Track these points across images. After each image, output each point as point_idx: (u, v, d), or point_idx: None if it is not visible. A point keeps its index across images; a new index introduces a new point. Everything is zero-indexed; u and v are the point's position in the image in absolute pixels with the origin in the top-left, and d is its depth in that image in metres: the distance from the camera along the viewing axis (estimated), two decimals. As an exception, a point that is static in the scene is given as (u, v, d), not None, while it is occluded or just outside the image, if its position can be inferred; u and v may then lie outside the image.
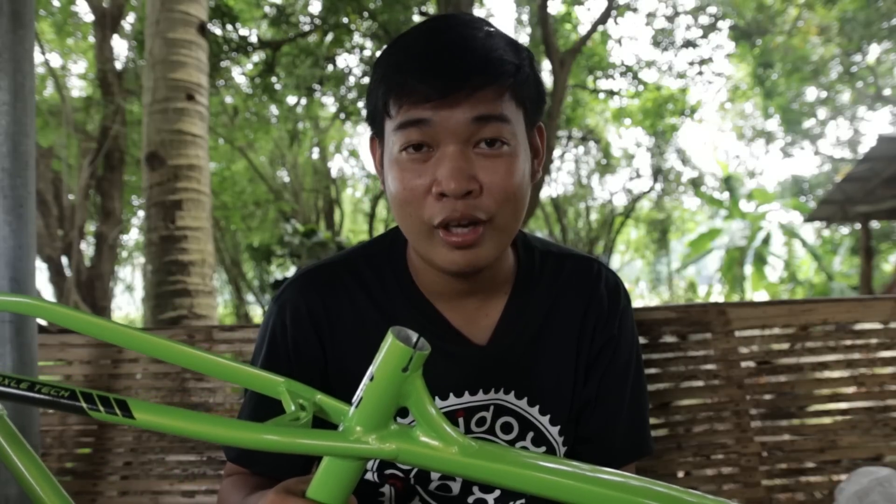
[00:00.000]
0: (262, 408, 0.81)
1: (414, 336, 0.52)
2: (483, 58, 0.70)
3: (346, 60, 9.04)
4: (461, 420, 0.83)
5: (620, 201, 15.51)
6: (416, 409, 0.53)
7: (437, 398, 0.82)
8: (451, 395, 0.82)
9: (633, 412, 0.88)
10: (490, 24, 0.75)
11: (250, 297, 12.92)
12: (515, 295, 0.85)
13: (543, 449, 0.85)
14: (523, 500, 0.86)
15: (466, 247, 0.72)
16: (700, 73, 12.70)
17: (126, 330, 0.67)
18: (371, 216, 13.59)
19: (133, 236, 12.92)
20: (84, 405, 0.53)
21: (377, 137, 0.79)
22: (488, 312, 0.84)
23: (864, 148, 13.55)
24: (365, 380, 0.53)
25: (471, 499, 0.83)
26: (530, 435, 0.84)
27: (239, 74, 10.12)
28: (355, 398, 0.54)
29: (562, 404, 0.85)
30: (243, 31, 8.72)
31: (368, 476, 0.85)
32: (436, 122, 0.69)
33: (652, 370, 1.42)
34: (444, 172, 0.69)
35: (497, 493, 0.84)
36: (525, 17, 12.95)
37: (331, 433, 0.54)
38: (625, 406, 0.87)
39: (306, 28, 8.60)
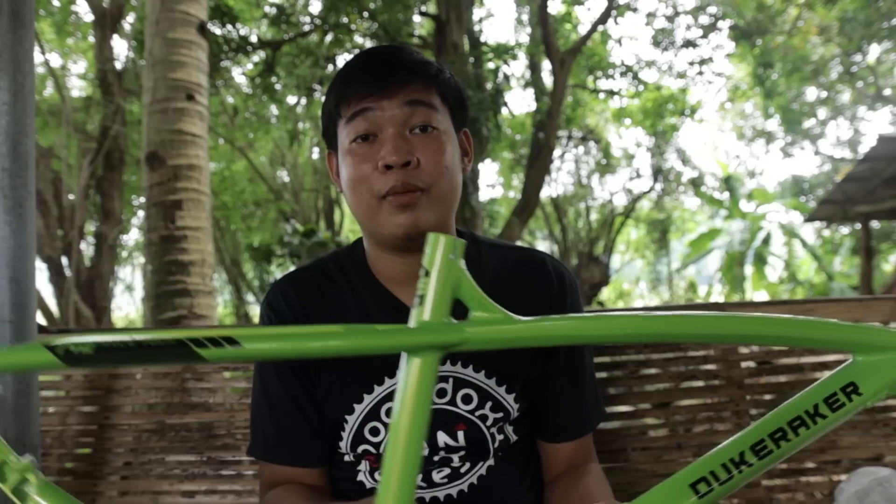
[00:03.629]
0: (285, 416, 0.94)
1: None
2: (410, 60, 0.88)
3: (346, 60, 9.02)
4: None
5: (620, 201, 15.51)
6: (469, 295, 0.60)
7: (397, 371, 0.87)
8: None
9: (591, 386, 1.00)
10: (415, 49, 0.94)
11: (250, 297, 12.92)
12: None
13: (501, 415, 0.93)
14: (491, 462, 0.93)
15: (408, 207, 0.84)
16: (700, 73, 12.72)
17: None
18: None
19: (133, 236, 12.92)
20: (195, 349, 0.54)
21: (332, 150, 0.95)
22: None
23: (865, 148, 13.55)
24: (420, 277, 0.58)
25: (436, 457, 0.92)
26: (489, 404, 0.92)
27: (239, 74, 10.12)
28: (415, 299, 0.58)
29: (516, 375, 0.93)
30: (243, 31, 8.72)
31: (347, 458, 0.95)
32: (376, 111, 0.85)
33: (652, 370, 1.42)
34: (387, 149, 0.84)
35: (463, 451, 0.92)
36: (525, 17, 12.96)
37: (401, 328, 0.58)
38: (586, 382, 0.98)
39: (306, 28, 8.59)
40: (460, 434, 0.91)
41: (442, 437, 0.91)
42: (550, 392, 0.97)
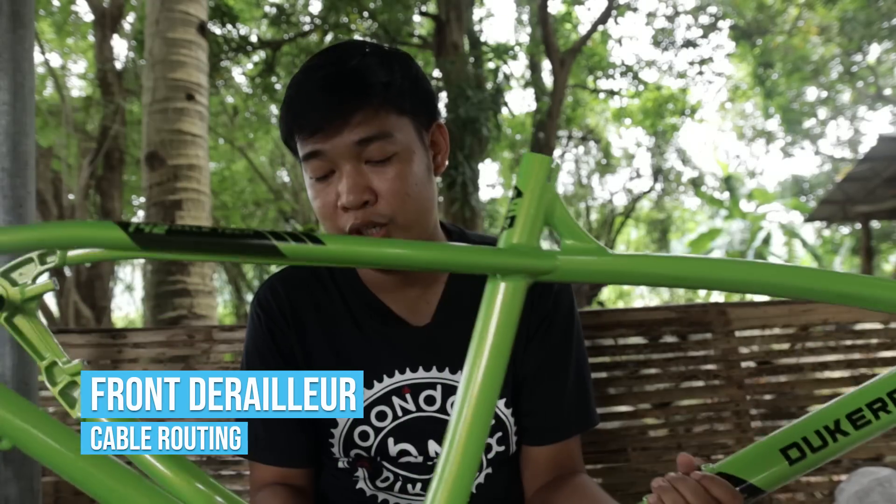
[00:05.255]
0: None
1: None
2: (351, 87, 0.81)
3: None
4: (408, 395, 0.91)
5: (620, 201, 15.52)
6: (561, 221, 0.55)
7: (384, 375, 0.90)
8: (396, 371, 0.91)
9: (576, 387, 0.95)
10: (366, 46, 0.87)
11: (250, 297, 12.93)
12: (453, 281, 0.94)
13: (493, 422, 0.90)
14: (489, 470, 0.92)
15: None
16: (700, 72, 12.73)
17: None
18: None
19: (133, 236, 12.88)
20: (273, 242, 0.52)
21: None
22: (429, 300, 0.93)
23: (865, 148, 13.55)
24: (511, 198, 0.54)
25: (430, 463, 0.90)
26: None
27: (239, 74, 10.13)
28: (505, 220, 0.55)
29: (506, 381, 0.91)
30: (243, 31, 8.72)
31: (341, 464, 0.94)
32: (328, 150, 0.81)
33: (652, 370, 1.42)
34: (343, 188, 0.81)
35: None
36: (525, 17, 12.97)
37: (493, 250, 0.54)
38: (568, 381, 0.94)
39: (306, 28, 8.60)
40: None
41: (433, 447, 0.89)
42: (527, 387, 0.93)
